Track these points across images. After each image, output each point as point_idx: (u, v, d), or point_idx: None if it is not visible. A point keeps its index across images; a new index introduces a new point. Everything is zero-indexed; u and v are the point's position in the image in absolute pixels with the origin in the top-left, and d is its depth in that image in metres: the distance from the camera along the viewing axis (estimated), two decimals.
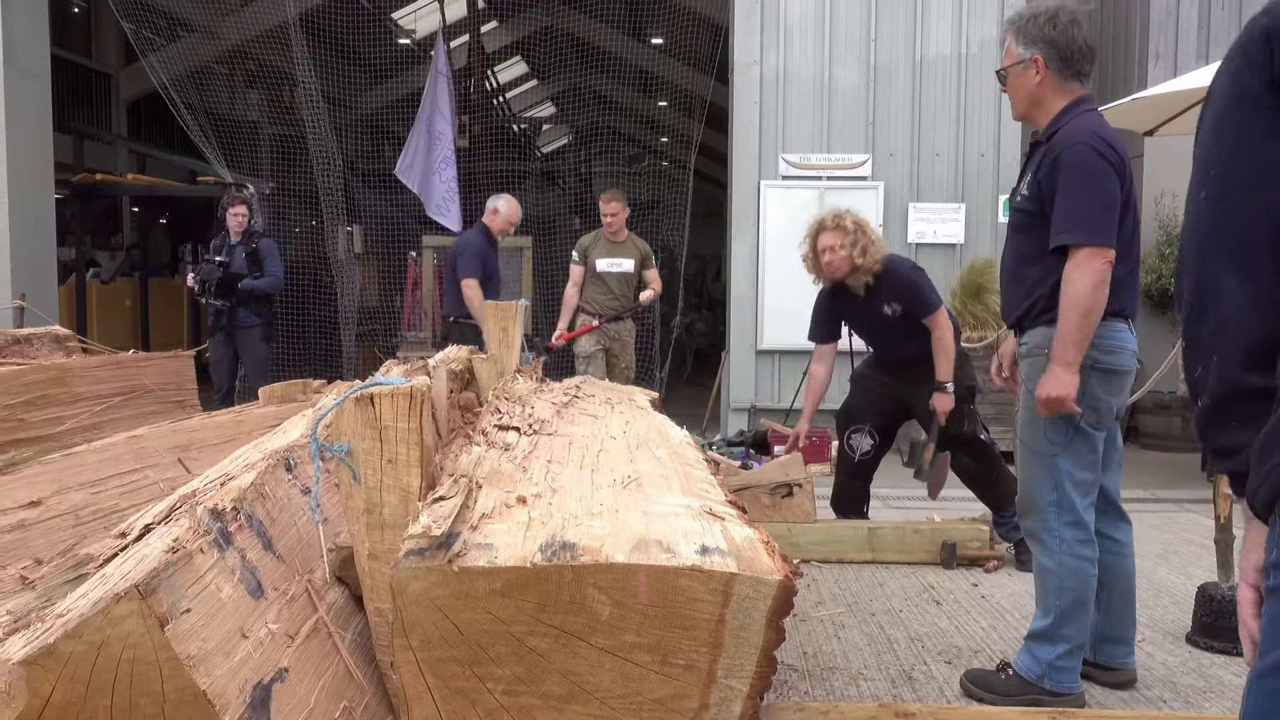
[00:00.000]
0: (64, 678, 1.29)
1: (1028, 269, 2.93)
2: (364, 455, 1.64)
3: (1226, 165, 1.24)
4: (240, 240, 7.78)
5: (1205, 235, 1.24)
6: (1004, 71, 2.99)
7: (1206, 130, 1.28)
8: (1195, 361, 1.24)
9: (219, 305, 7.67)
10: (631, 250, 7.09)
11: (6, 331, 4.52)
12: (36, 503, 2.41)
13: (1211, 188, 1.24)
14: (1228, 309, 1.20)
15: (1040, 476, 2.92)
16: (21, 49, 8.43)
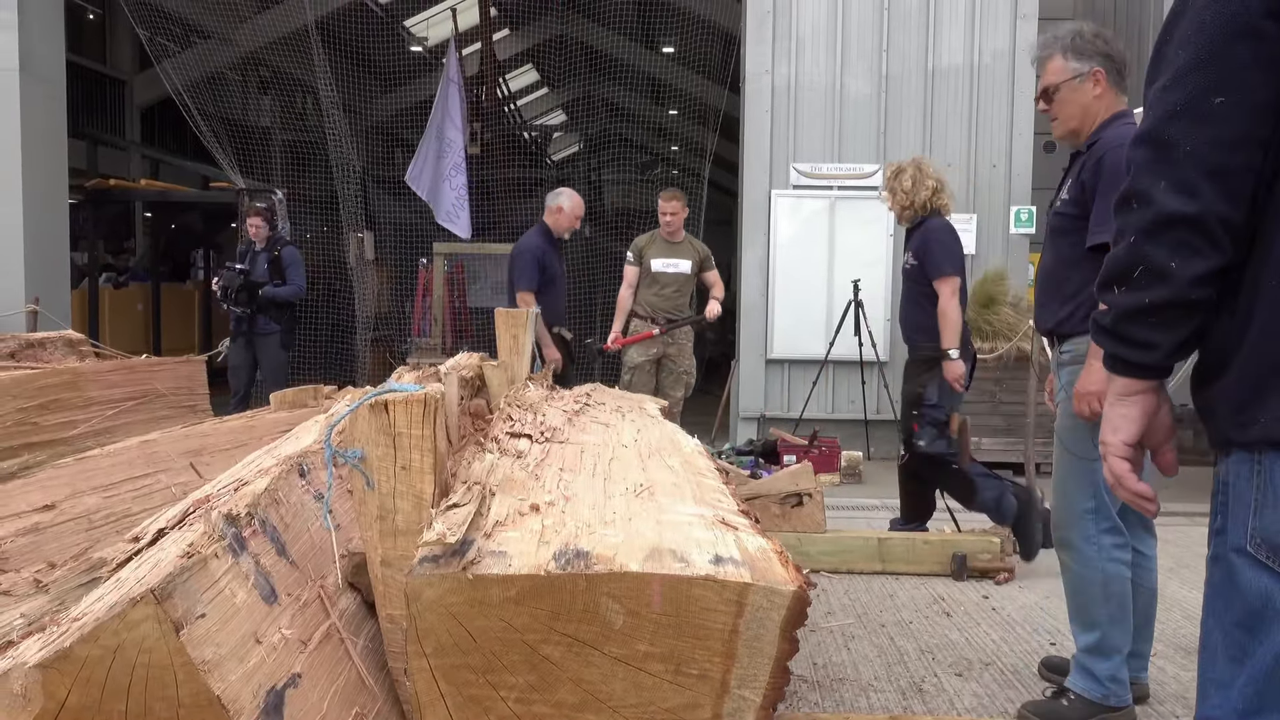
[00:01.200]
0: (79, 682, 1.29)
1: (1068, 274, 2.92)
2: (378, 461, 1.64)
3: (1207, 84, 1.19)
4: (264, 248, 7.86)
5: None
6: (1054, 88, 2.96)
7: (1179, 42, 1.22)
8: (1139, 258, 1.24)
9: (239, 312, 7.74)
10: (689, 251, 6.80)
11: (20, 336, 4.55)
12: (50, 506, 2.42)
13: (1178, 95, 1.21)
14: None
15: (1081, 484, 2.90)
16: (37, 55, 8.49)
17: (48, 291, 8.33)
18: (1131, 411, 1.33)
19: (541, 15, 13.76)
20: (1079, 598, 2.96)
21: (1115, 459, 1.34)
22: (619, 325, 6.75)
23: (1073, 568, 2.96)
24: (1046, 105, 3.01)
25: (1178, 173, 1.20)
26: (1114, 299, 1.27)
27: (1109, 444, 1.34)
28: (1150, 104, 1.24)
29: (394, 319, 11.93)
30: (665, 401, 3.79)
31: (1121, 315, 1.27)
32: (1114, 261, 1.27)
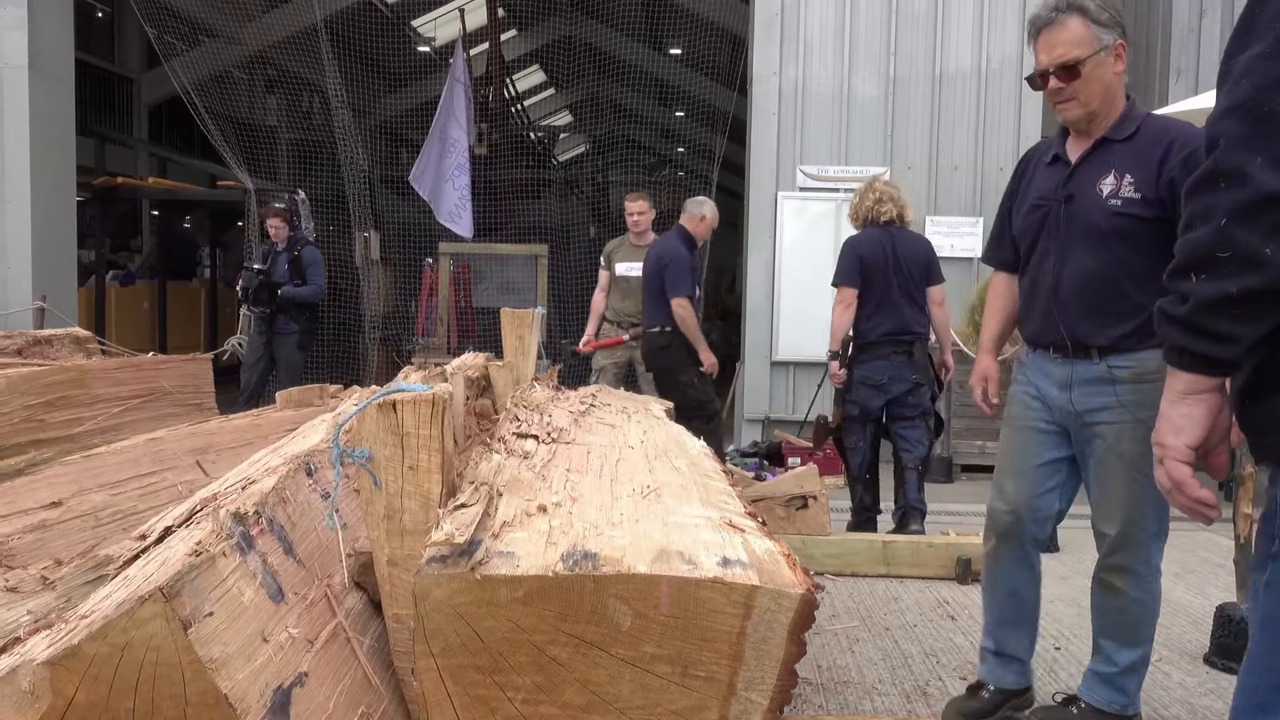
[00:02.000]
0: (87, 679, 1.30)
1: (1134, 284, 2.54)
2: (385, 461, 1.64)
3: None
4: (285, 248, 7.89)
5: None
6: (1080, 63, 2.49)
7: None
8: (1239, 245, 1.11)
9: (259, 311, 7.78)
10: None
11: (27, 333, 4.56)
12: (57, 503, 2.43)
13: None
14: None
15: (1155, 508, 2.66)
16: (46, 53, 8.51)
17: (55, 289, 8.35)
18: (1196, 411, 1.22)
19: (549, 16, 13.77)
20: (1127, 619, 2.79)
21: (1176, 464, 1.24)
22: (592, 329, 6.74)
23: (1129, 593, 2.76)
24: (1063, 82, 2.53)
25: (1278, 146, 1.07)
26: (1193, 287, 1.15)
27: (1170, 447, 1.24)
28: (1243, 72, 1.11)
29: (399, 319, 11.94)
30: (670, 404, 3.78)
31: (1202, 305, 1.14)
32: (1195, 246, 1.15)
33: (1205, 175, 1.13)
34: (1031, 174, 2.83)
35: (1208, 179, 1.13)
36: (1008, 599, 2.92)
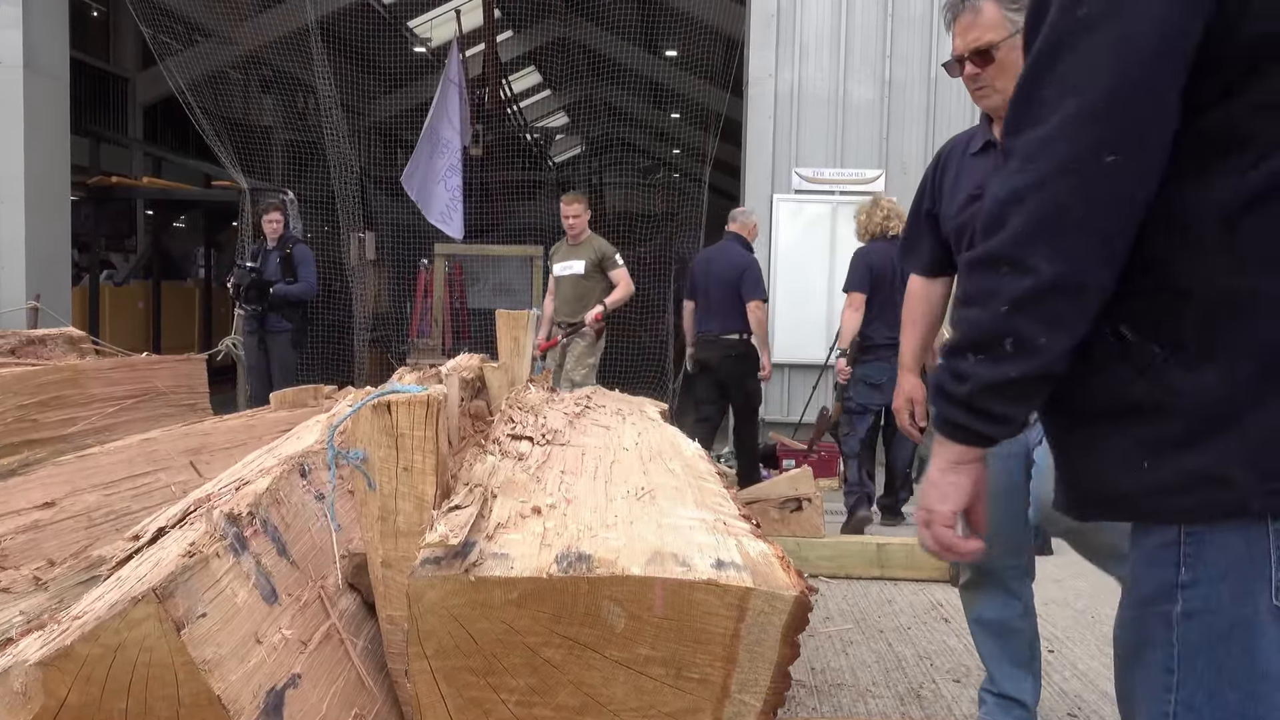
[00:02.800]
0: (80, 680, 1.29)
1: None
2: (380, 463, 1.64)
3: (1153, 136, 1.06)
4: (276, 246, 7.87)
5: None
6: (993, 47, 2.41)
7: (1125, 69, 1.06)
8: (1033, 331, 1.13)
9: (250, 309, 7.76)
10: (585, 252, 6.80)
11: (21, 332, 4.54)
12: (50, 504, 2.42)
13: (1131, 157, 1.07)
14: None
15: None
16: (41, 52, 8.50)
17: (49, 288, 8.33)
18: (963, 480, 1.27)
19: (545, 18, 13.78)
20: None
21: (942, 529, 1.29)
22: (543, 332, 6.86)
23: None
24: (979, 67, 2.45)
25: (1063, 241, 1.08)
26: (973, 369, 1.16)
27: (938, 513, 1.28)
28: (1026, 157, 1.10)
29: (392, 319, 11.93)
30: (665, 405, 3.78)
31: (982, 388, 1.16)
32: (976, 328, 1.15)
33: (987, 257, 1.14)
34: (956, 167, 2.70)
35: (990, 261, 1.13)
36: (996, 637, 2.76)
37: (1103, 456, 1.17)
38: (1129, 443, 1.14)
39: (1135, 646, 1.20)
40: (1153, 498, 1.13)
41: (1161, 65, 1.05)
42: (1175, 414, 1.11)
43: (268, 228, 7.96)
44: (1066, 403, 1.21)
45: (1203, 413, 1.09)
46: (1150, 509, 1.15)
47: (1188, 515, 1.12)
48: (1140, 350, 1.13)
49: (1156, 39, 1.05)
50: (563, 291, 6.78)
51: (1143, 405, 1.13)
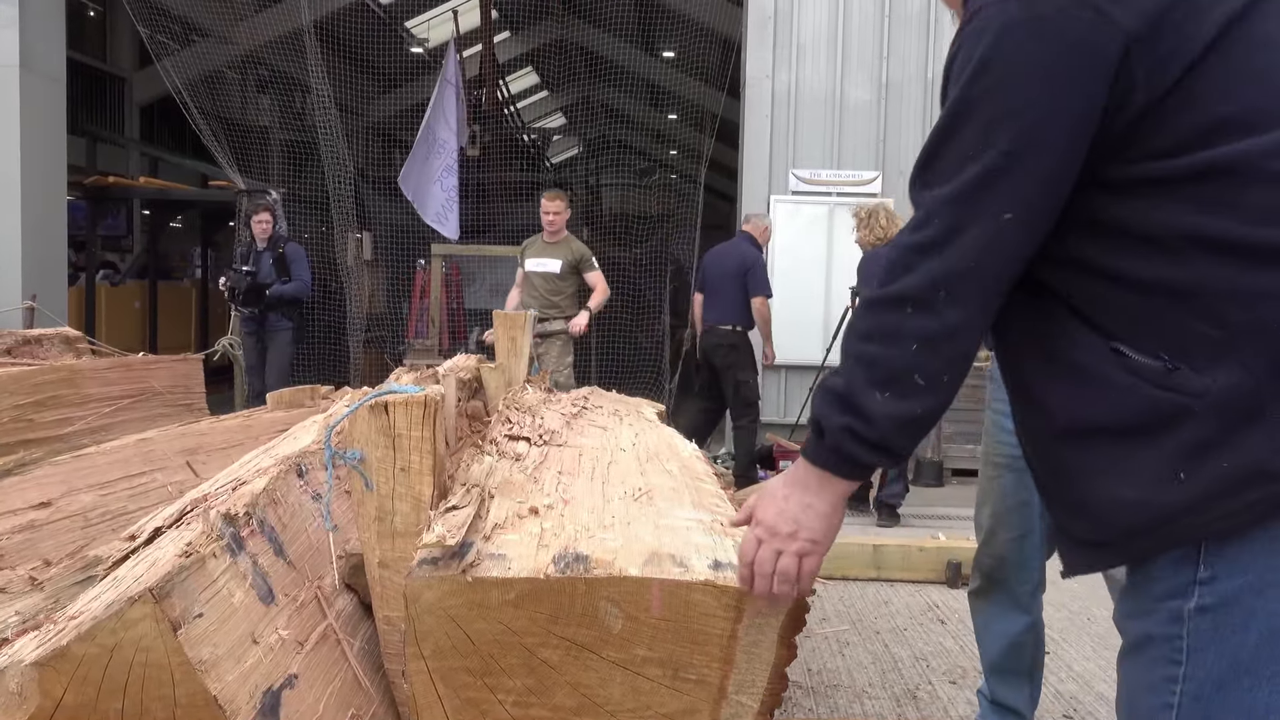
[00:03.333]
0: (76, 680, 1.29)
1: None
2: (377, 463, 1.64)
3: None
4: (267, 246, 7.87)
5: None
6: None
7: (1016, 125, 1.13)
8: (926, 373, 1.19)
9: (248, 312, 7.77)
10: (562, 252, 6.90)
11: (17, 332, 4.53)
12: (46, 504, 2.41)
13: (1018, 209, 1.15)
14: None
15: None
16: (38, 52, 8.49)
17: (45, 288, 8.31)
18: (838, 516, 1.29)
19: (543, 19, 13.78)
20: None
21: (816, 561, 1.32)
22: None
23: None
24: None
25: (963, 287, 1.16)
26: (880, 406, 1.19)
27: (821, 545, 1.30)
28: (932, 212, 1.17)
29: (388, 320, 11.92)
30: (662, 406, 3.78)
31: (892, 425, 1.20)
32: (885, 366, 1.18)
33: (893, 297, 1.18)
34: None
35: (896, 301, 1.18)
36: (1000, 647, 2.78)
37: (1126, 477, 1.14)
38: (1157, 455, 1.12)
39: (1137, 641, 1.20)
40: (1190, 514, 1.11)
41: (1053, 137, 1.13)
42: (1203, 416, 1.10)
43: (257, 229, 7.94)
44: (1070, 430, 1.19)
45: (1230, 409, 1.10)
46: (1185, 530, 1.12)
47: (1231, 521, 1.10)
48: (1146, 365, 1.14)
49: (1047, 113, 1.12)
50: (535, 288, 6.85)
51: (1163, 415, 1.12)
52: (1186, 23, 1.11)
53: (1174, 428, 1.12)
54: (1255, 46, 1.13)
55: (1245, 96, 1.11)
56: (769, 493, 1.32)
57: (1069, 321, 1.19)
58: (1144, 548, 1.15)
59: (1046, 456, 1.26)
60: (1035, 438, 1.27)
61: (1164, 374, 1.12)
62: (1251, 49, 1.12)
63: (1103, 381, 1.16)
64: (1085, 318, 1.18)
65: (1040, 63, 1.12)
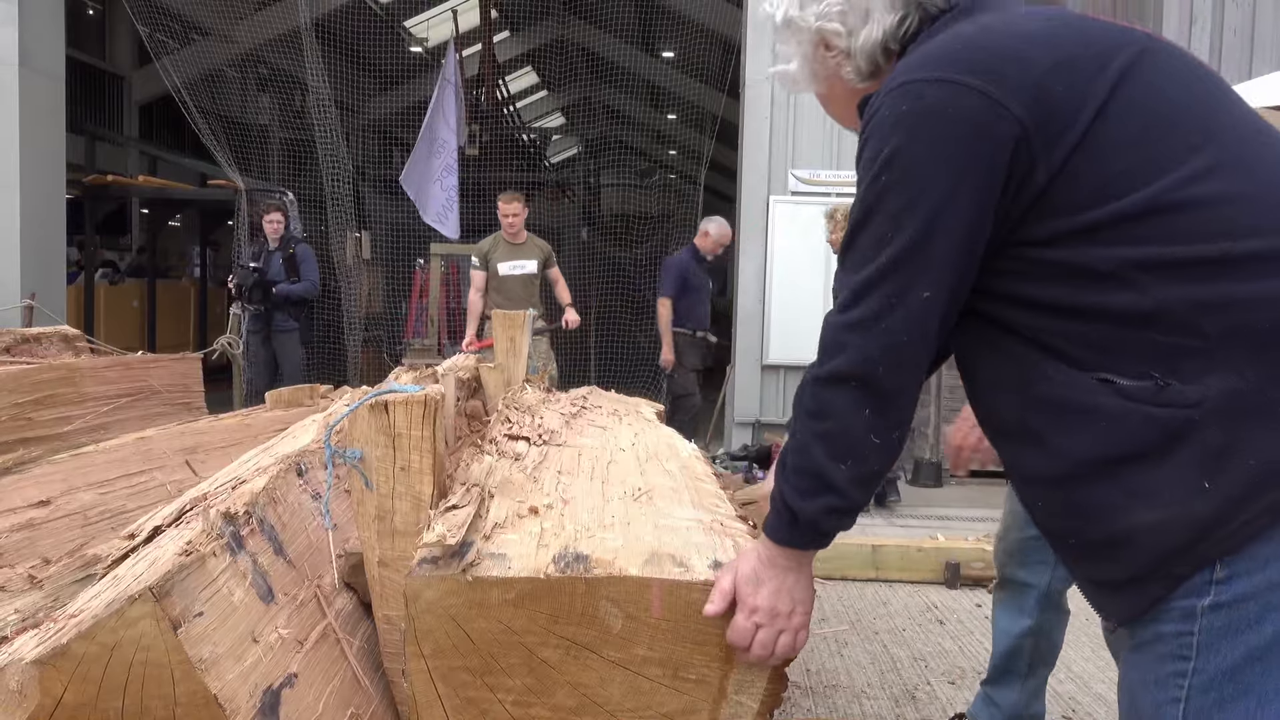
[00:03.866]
0: (76, 678, 1.29)
1: None
2: (377, 462, 1.63)
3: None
4: (278, 246, 7.89)
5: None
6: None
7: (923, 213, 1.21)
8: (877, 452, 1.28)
9: (254, 309, 7.79)
10: (533, 251, 7.20)
11: (16, 331, 4.52)
12: (45, 502, 2.41)
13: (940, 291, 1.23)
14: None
15: None
16: (37, 50, 8.47)
17: (44, 287, 8.30)
18: (808, 578, 1.37)
19: (542, 18, 13.78)
20: None
21: (804, 630, 1.39)
22: (472, 329, 7.17)
23: None
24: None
25: (896, 357, 1.24)
26: (846, 475, 1.27)
27: (806, 613, 1.39)
28: (856, 292, 1.25)
29: (386, 320, 11.91)
30: (661, 406, 3.78)
31: (859, 489, 1.29)
32: (843, 440, 1.26)
33: (837, 375, 1.26)
34: None
35: (837, 379, 1.26)
36: (1003, 647, 2.84)
37: (1151, 501, 1.14)
38: (1177, 471, 1.12)
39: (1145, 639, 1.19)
40: (1221, 524, 1.11)
41: (956, 219, 1.20)
42: (1208, 423, 1.11)
43: (269, 228, 7.98)
44: (1076, 470, 1.19)
45: (1233, 411, 1.11)
46: (1216, 546, 1.12)
47: (1255, 524, 1.10)
48: (1136, 387, 1.15)
49: (948, 197, 1.19)
50: (512, 291, 7.09)
51: (1170, 431, 1.13)
52: (1070, 93, 1.18)
53: (1184, 440, 1.12)
54: (1138, 103, 1.20)
55: (1144, 145, 1.18)
56: (752, 579, 1.36)
57: (1044, 361, 1.21)
58: (1180, 572, 1.14)
59: (1054, 504, 1.24)
60: (1036, 486, 1.27)
61: (1157, 391, 1.13)
62: (1137, 105, 1.19)
63: (1096, 413, 1.16)
64: (1060, 353, 1.20)
65: (938, 151, 1.19)
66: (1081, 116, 1.18)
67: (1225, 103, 1.24)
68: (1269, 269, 1.13)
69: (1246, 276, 1.12)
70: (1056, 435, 1.19)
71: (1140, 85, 1.21)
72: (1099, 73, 1.20)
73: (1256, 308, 1.12)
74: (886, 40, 1.35)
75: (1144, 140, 1.18)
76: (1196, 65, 1.28)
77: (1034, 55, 1.20)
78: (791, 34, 1.46)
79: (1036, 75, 1.18)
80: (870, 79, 1.39)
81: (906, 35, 1.34)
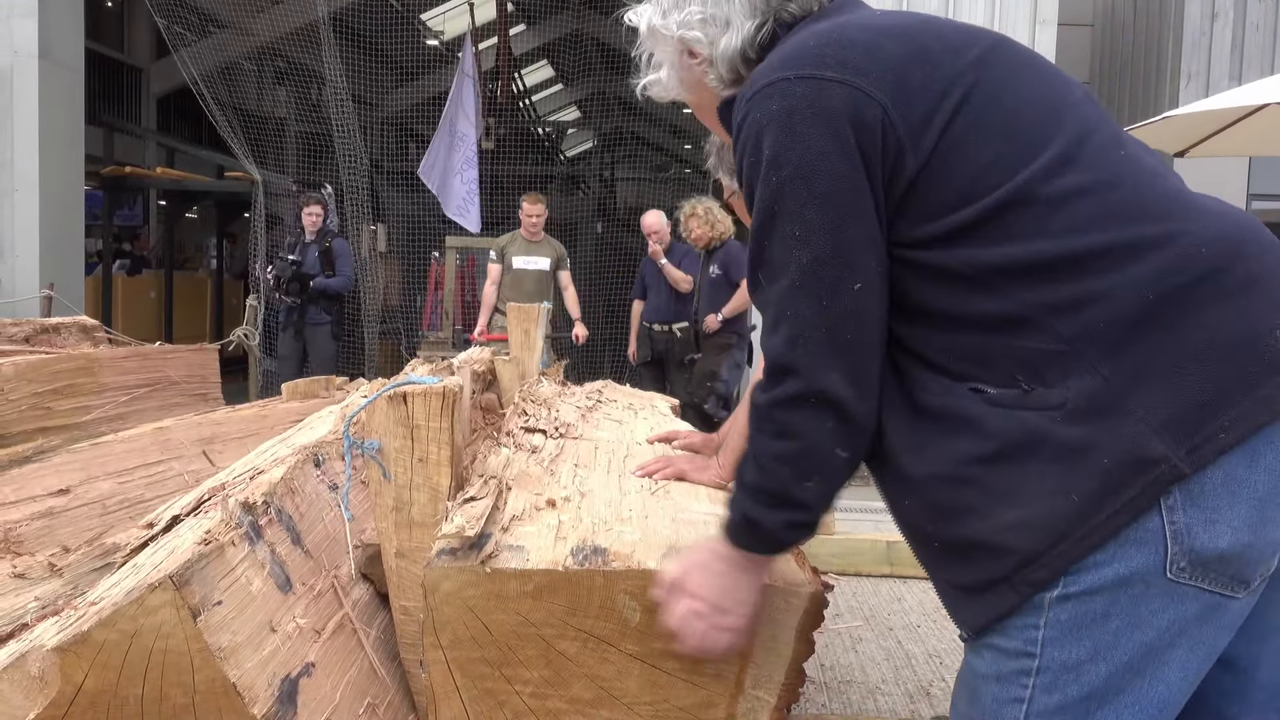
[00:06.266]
0: (97, 665, 1.30)
1: None
2: (395, 453, 1.64)
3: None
4: (314, 239, 7.93)
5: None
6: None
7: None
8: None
9: (290, 302, 7.83)
10: (548, 250, 7.51)
11: (35, 321, 4.55)
12: (65, 491, 2.43)
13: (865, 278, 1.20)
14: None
15: None
16: (57, 42, 8.52)
17: (62, 278, 8.36)
18: (758, 583, 1.34)
19: (558, 11, 13.76)
20: None
21: (743, 635, 1.35)
22: (484, 320, 7.53)
23: None
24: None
25: (846, 360, 1.21)
26: (814, 490, 1.24)
27: (747, 616, 1.33)
28: (784, 306, 1.22)
29: (402, 313, 11.94)
30: (676, 401, 3.78)
31: (826, 501, 1.27)
32: (811, 456, 1.23)
33: (792, 397, 1.22)
34: None
35: (796, 400, 1.21)
36: None
37: (1013, 500, 1.14)
38: (1039, 470, 1.12)
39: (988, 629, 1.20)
40: (1083, 522, 1.11)
41: (858, 201, 1.18)
42: (1069, 423, 1.12)
43: (307, 220, 8.04)
44: (948, 470, 1.18)
45: (1091, 411, 1.11)
46: (1077, 548, 1.11)
47: (1114, 522, 1.10)
48: (1004, 394, 1.16)
49: (845, 182, 1.18)
50: (524, 286, 7.37)
51: (1032, 432, 1.13)
52: (929, 82, 1.19)
53: (1045, 441, 1.13)
54: (993, 95, 1.21)
55: (1002, 139, 1.19)
56: (703, 568, 1.33)
57: (924, 373, 1.21)
58: (1039, 577, 1.13)
59: (917, 505, 1.23)
60: (903, 486, 1.25)
61: (1022, 396, 1.14)
62: (993, 97, 1.21)
63: (968, 420, 1.17)
64: (937, 366, 1.20)
65: (819, 143, 1.18)
66: (944, 105, 1.19)
67: (1071, 98, 1.25)
68: (1109, 264, 1.14)
69: (1091, 274, 1.14)
70: (933, 442, 1.19)
71: (996, 78, 1.22)
72: (954, 62, 1.21)
73: (1102, 305, 1.13)
74: (745, 48, 1.35)
75: (1005, 133, 1.19)
76: (1044, 62, 1.30)
77: (889, 47, 1.21)
78: (657, 42, 1.45)
79: (893, 65, 1.19)
80: (733, 86, 1.38)
81: (764, 42, 1.34)
